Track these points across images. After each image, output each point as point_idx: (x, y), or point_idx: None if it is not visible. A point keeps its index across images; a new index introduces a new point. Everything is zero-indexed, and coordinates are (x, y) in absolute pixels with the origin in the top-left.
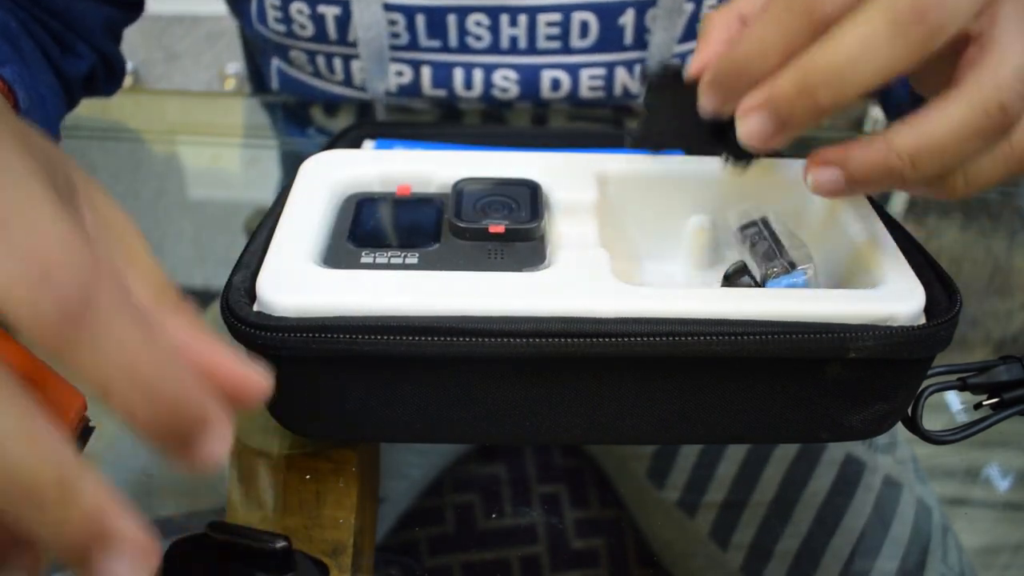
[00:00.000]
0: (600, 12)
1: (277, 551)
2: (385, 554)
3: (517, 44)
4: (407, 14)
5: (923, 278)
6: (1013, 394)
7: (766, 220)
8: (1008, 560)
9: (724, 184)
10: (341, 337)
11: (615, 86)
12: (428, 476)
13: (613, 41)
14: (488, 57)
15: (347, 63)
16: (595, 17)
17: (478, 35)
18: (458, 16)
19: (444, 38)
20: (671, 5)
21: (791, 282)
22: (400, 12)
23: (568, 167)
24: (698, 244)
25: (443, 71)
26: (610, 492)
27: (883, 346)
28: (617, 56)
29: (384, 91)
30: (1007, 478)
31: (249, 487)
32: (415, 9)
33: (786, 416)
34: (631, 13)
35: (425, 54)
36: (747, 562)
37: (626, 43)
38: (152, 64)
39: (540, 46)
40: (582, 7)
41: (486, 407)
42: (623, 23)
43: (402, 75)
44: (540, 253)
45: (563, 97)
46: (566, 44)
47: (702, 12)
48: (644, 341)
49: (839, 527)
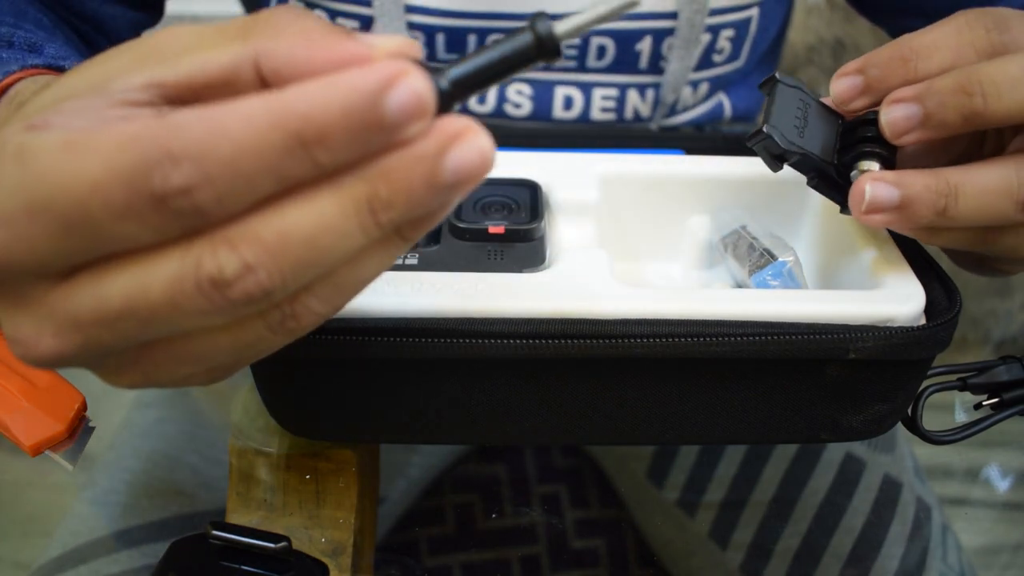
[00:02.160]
0: (618, 38)
1: (277, 551)
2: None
3: None
4: (427, 32)
5: (923, 278)
6: (1013, 394)
7: (744, 226)
8: (1008, 560)
9: (724, 184)
10: (341, 338)
11: (626, 108)
12: (428, 476)
13: (628, 64)
14: None
15: None
16: (613, 42)
17: None
18: (478, 36)
19: (462, 54)
20: (688, 35)
21: (775, 271)
22: (420, 31)
23: (568, 167)
24: (698, 244)
25: None
26: (610, 492)
27: (883, 347)
28: (631, 78)
29: None
30: (1007, 478)
31: (249, 487)
32: (435, 28)
33: (786, 416)
34: (648, 40)
35: (441, 66)
36: (747, 561)
37: (641, 67)
38: None
39: (556, 64)
40: (600, 33)
41: (486, 408)
42: (640, 49)
43: None
44: (540, 254)
45: (574, 118)
46: (582, 63)
47: (718, 44)
48: (644, 342)
49: (839, 526)
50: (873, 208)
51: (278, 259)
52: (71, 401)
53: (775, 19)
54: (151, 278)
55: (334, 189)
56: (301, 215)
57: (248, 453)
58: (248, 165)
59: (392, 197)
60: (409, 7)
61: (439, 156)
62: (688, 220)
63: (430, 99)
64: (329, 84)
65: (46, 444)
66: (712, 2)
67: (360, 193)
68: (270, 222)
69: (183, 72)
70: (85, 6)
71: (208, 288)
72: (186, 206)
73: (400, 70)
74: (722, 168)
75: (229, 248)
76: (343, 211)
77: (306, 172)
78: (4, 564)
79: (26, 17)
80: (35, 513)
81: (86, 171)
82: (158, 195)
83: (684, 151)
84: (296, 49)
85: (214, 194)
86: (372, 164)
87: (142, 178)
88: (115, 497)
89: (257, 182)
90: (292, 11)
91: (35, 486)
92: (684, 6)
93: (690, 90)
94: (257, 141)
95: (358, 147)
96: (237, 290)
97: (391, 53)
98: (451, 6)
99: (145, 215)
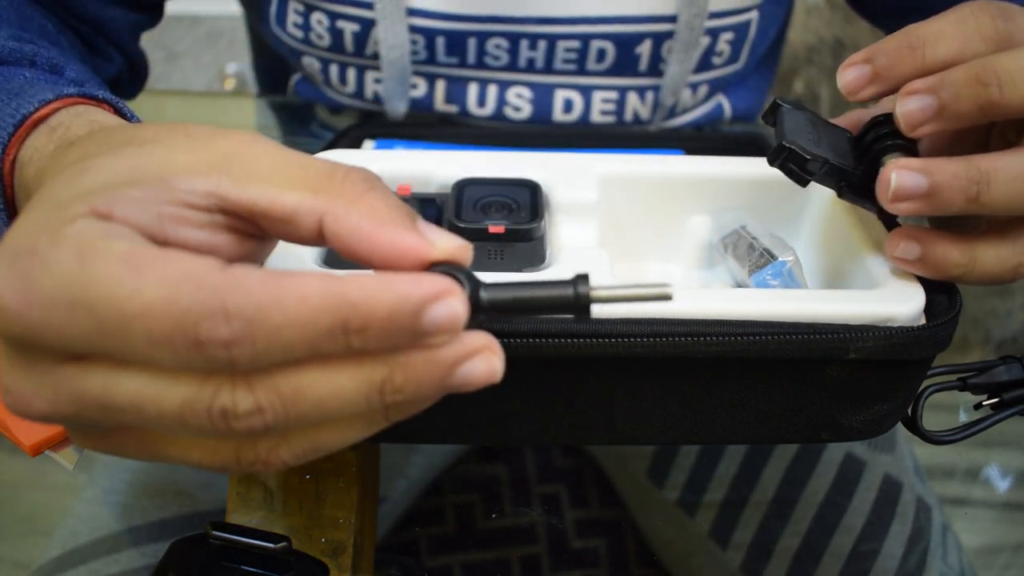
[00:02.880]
0: (618, 41)
1: (277, 551)
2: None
3: (534, 64)
4: (427, 35)
5: (923, 278)
6: (1013, 394)
7: (744, 226)
8: (1008, 560)
9: (724, 184)
10: None
11: (626, 111)
12: (428, 476)
13: (628, 66)
14: (504, 74)
15: (361, 74)
16: (612, 45)
17: (496, 55)
18: (478, 39)
19: (463, 56)
20: (688, 38)
21: (775, 271)
22: (421, 34)
23: (568, 167)
24: (698, 244)
25: (458, 85)
26: (610, 492)
27: (883, 347)
28: (631, 81)
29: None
30: (1007, 478)
31: (249, 487)
32: (436, 32)
33: (786, 416)
34: (648, 43)
35: (441, 68)
36: (747, 561)
37: (641, 69)
38: (152, 64)
39: (556, 67)
40: (600, 36)
41: (486, 408)
42: (639, 52)
43: (416, 88)
44: (540, 253)
45: (574, 120)
46: (582, 67)
47: (717, 46)
48: (644, 342)
49: (839, 526)
50: (900, 195)
51: (287, 408)
52: None
53: (774, 21)
54: (166, 392)
55: (356, 367)
56: (319, 379)
57: None
58: (290, 336)
59: (404, 385)
60: (411, 10)
61: (455, 365)
62: (688, 220)
63: (462, 320)
64: (384, 285)
65: (46, 444)
66: (711, 5)
67: (377, 376)
68: (290, 378)
69: (249, 197)
70: (87, 9)
71: (217, 416)
72: (221, 356)
73: (446, 290)
74: (722, 168)
75: (247, 389)
76: (357, 386)
77: (336, 350)
78: (4, 564)
79: (32, 23)
80: (35, 513)
81: (141, 295)
82: (200, 340)
83: (684, 151)
84: (363, 226)
85: (251, 353)
86: (395, 355)
87: (192, 322)
88: (116, 497)
89: (292, 351)
90: (367, 180)
91: (35, 486)
92: (683, 9)
93: (689, 92)
94: (307, 319)
95: (390, 342)
96: (242, 424)
97: (448, 254)
98: (452, 9)
99: (179, 350)
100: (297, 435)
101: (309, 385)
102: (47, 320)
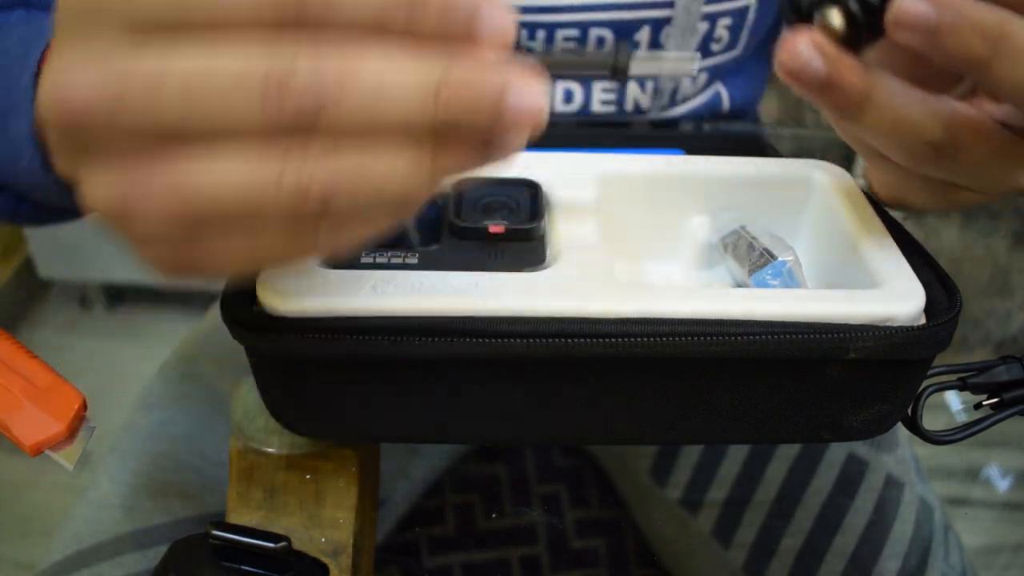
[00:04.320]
0: (616, 29)
1: (277, 551)
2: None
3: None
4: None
5: (923, 278)
6: (1013, 394)
7: (744, 227)
8: (1008, 560)
9: (724, 184)
10: (341, 337)
11: (626, 100)
12: (428, 476)
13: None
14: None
15: None
16: (611, 33)
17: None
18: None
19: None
20: (686, 23)
21: (774, 271)
22: None
23: (568, 167)
24: (698, 244)
25: None
26: (610, 491)
27: (883, 346)
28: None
29: None
30: (1007, 478)
31: (249, 487)
32: None
33: (786, 416)
34: (647, 30)
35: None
36: (749, 561)
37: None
38: None
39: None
40: (599, 24)
41: (486, 407)
42: (638, 39)
43: None
44: (540, 253)
45: (574, 111)
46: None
47: (716, 32)
48: (644, 342)
49: (841, 526)
50: (904, 21)
51: (345, 83)
52: (71, 401)
53: (773, 6)
54: (226, 56)
55: (416, 56)
56: (380, 58)
57: (248, 453)
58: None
59: (459, 91)
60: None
61: (510, 83)
62: (688, 220)
63: (511, 35)
64: None
65: (46, 444)
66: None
67: (436, 71)
68: (353, 51)
69: None
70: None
71: (273, 85)
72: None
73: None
74: (722, 168)
75: (311, 56)
76: (415, 79)
77: (399, 21)
78: (4, 564)
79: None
80: (35, 513)
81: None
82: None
83: (684, 151)
84: None
85: (321, 3)
86: (453, 58)
87: None
88: (118, 500)
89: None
90: None
91: (35, 486)
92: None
93: (688, 80)
94: None
95: (449, 21)
96: (300, 86)
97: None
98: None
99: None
100: (347, 148)
101: (370, 63)
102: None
